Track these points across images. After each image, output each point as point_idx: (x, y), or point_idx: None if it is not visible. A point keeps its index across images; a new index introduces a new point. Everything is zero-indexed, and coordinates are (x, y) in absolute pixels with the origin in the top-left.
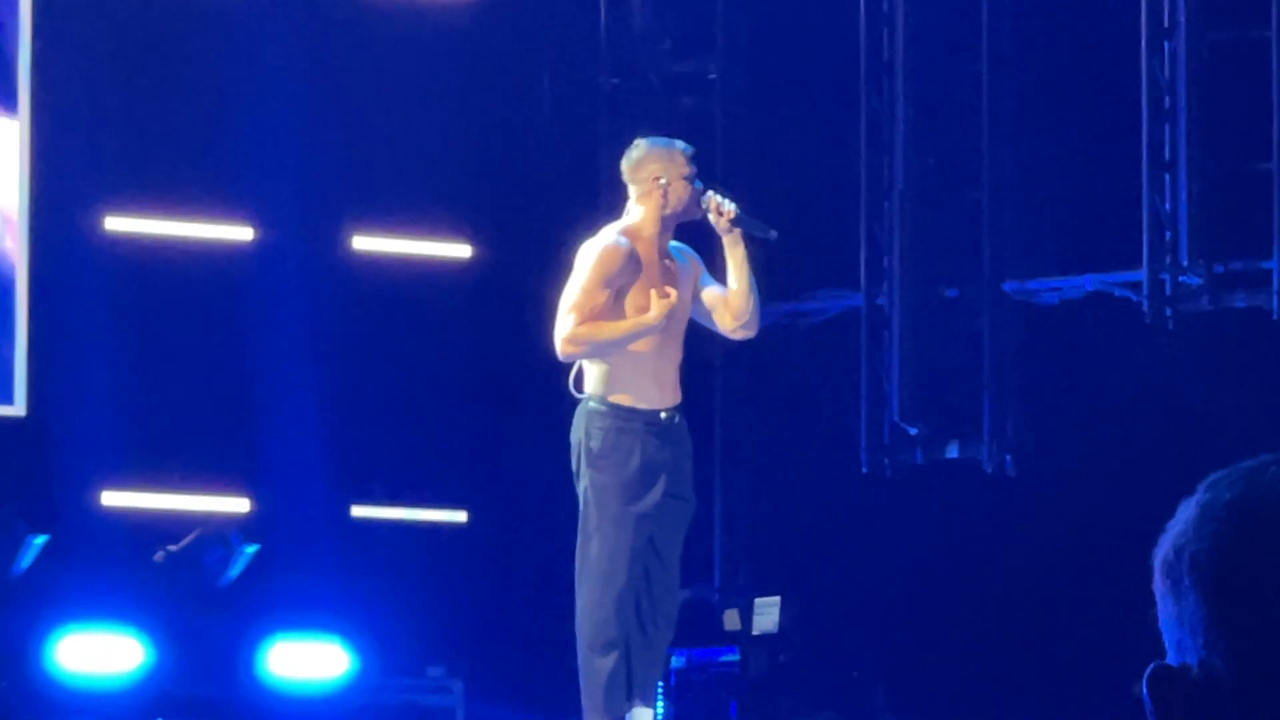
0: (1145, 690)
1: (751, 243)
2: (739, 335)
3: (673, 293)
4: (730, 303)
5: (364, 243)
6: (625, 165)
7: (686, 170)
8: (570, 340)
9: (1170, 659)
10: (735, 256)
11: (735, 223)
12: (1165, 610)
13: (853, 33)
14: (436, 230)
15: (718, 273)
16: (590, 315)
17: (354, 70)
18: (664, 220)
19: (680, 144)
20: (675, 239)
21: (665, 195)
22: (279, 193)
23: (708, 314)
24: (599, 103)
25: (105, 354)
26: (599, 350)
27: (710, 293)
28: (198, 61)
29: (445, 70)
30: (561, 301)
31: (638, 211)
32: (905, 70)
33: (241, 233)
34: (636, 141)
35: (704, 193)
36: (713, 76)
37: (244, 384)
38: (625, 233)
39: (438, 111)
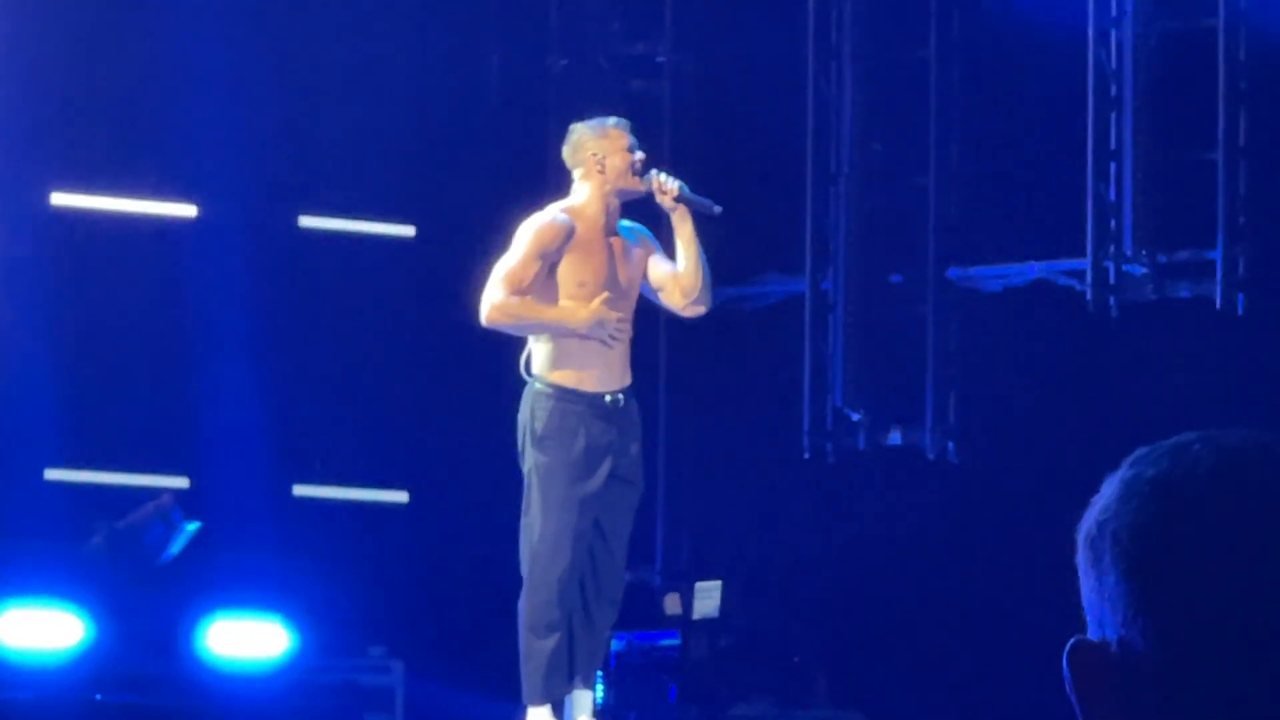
0: (1065, 664)
1: (699, 224)
2: (690, 312)
3: (613, 315)
4: (680, 279)
5: (308, 221)
6: (565, 151)
7: (622, 143)
8: (498, 308)
9: (1091, 633)
10: (683, 234)
11: (679, 199)
12: (1087, 585)
13: (801, 17)
14: (382, 209)
15: (670, 251)
16: (520, 287)
17: (301, 48)
18: (607, 197)
19: (613, 120)
20: (630, 218)
21: (603, 170)
22: (224, 171)
23: (658, 292)
24: (548, 84)
25: (49, 330)
26: (520, 327)
27: (659, 271)
28: (145, 39)
29: (394, 49)
30: (494, 269)
31: (582, 191)
32: (853, 56)
33: (186, 210)
34: (572, 126)
35: (648, 172)
36: (662, 59)
37: (187, 361)
38: (568, 210)
39: (385, 90)
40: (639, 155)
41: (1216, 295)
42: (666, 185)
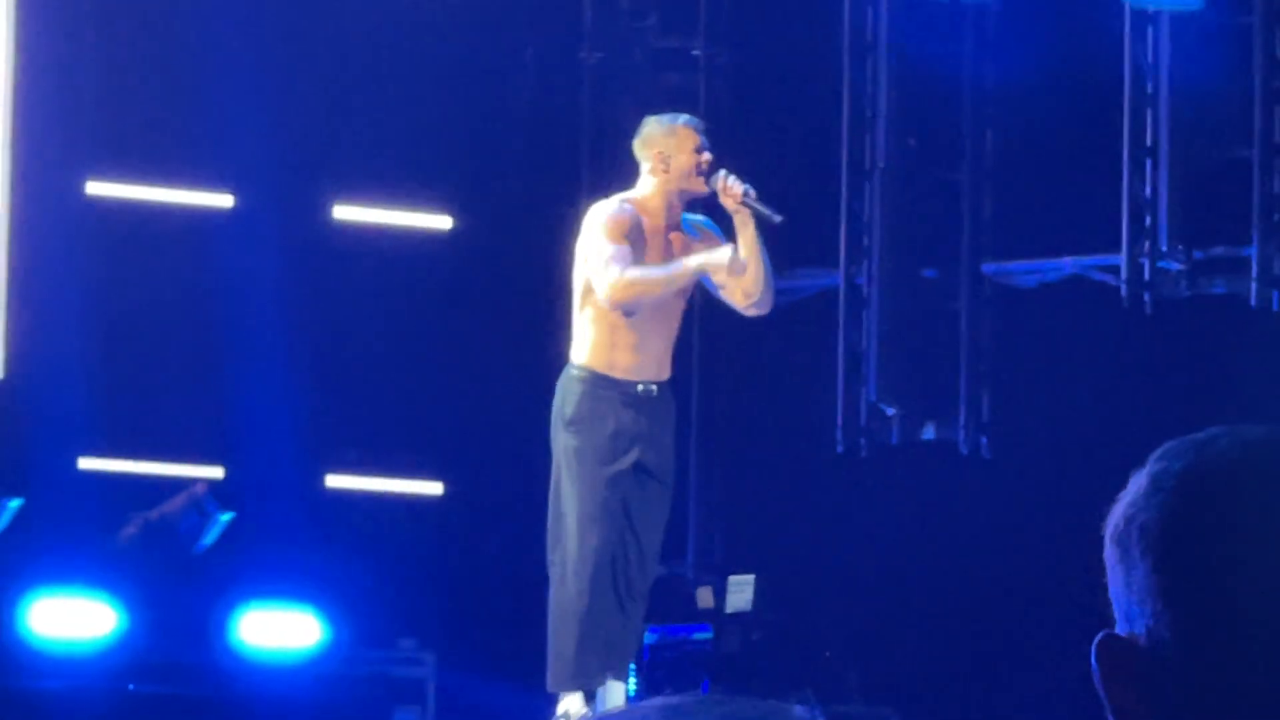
0: (1093, 659)
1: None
2: (751, 312)
3: (727, 250)
4: (741, 281)
5: (344, 212)
6: (635, 143)
7: (689, 143)
8: (622, 284)
9: (1119, 628)
10: (745, 236)
11: (742, 203)
12: (1114, 579)
13: (837, 11)
14: (417, 201)
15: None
16: (625, 260)
17: (337, 39)
18: (669, 195)
19: (684, 118)
20: (698, 212)
21: (667, 169)
22: (259, 161)
23: (720, 288)
24: (582, 77)
25: (83, 319)
26: (649, 293)
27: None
28: (180, 28)
29: (429, 42)
30: (594, 260)
31: (647, 184)
32: (888, 49)
33: (221, 200)
34: (645, 119)
35: (716, 172)
36: (697, 53)
37: (221, 351)
38: (631, 202)
39: (420, 82)
40: (706, 156)
41: (1251, 292)
42: (732, 188)
